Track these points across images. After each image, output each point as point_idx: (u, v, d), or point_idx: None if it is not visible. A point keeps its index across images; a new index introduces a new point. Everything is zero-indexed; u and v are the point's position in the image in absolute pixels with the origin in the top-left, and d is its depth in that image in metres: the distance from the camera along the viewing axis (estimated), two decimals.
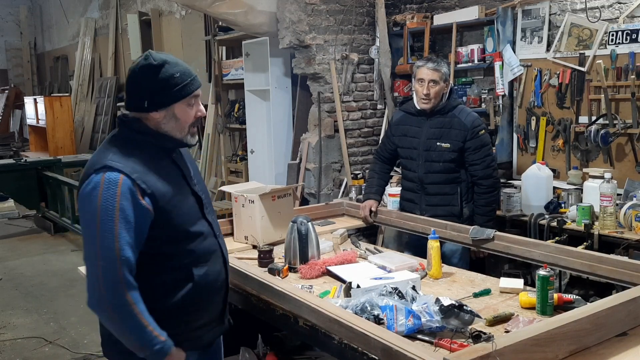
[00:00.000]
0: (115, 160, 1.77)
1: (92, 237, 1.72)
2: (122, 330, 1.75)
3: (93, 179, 1.75)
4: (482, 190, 3.25)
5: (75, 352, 3.95)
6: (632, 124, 3.58)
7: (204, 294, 1.93)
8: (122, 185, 1.73)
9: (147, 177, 1.79)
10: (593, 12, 3.80)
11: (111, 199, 1.71)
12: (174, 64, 1.86)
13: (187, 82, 1.86)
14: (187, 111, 1.88)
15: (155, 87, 1.82)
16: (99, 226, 1.70)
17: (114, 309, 1.71)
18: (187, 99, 1.87)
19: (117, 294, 1.70)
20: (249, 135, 6.03)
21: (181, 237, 1.87)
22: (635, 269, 2.30)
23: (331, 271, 2.66)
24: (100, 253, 1.70)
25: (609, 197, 3.20)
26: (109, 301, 1.70)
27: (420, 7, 5.11)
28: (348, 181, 5.04)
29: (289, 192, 3.28)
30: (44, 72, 14.16)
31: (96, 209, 1.71)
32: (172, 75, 1.83)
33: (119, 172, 1.75)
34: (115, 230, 1.70)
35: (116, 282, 1.69)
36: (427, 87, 3.21)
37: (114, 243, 1.70)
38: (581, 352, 1.77)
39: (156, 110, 1.84)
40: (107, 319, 1.75)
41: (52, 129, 9.43)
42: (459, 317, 1.95)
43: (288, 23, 4.86)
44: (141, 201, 1.76)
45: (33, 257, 6.32)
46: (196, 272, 1.89)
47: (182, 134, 1.90)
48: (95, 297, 1.72)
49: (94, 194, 1.73)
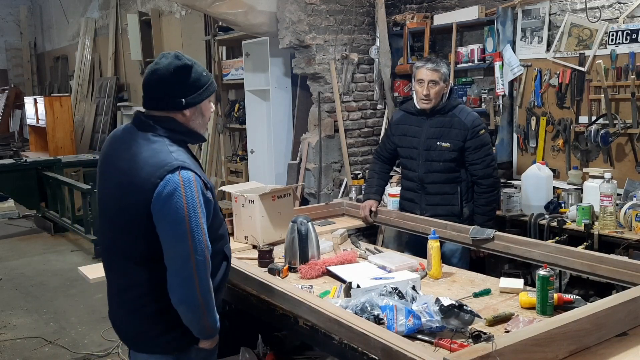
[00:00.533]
0: (181, 160, 1.88)
1: (184, 235, 1.82)
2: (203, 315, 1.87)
3: (171, 179, 1.83)
4: (482, 189, 3.25)
5: (75, 352, 3.95)
6: (632, 124, 3.58)
7: (229, 270, 2.15)
8: (197, 183, 1.87)
9: (199, 171, 1.94)
10: (593, 12, 3.80)
11: (192, 196, 1.84)
12: (199, 65, 2.02)
13: (212, 81, 2.03)
14: (210, 108, 2.05)
15: (191, 86, 1.95)
16: (188, 224, 1.82)
17: (204, 296, 1.85)
18: (212, 96, 2.04)
19: (206, 282, 1.86)
20: (249, 135, 6.03)
21: (220, 224, 2.06)
22: (635, 269, 2.30)
23: (331, 271, 2.66)
24: (194, 248, 1.82)
25: (609, 197, 3.20)
26: (202, 293, 1.84)
27: (420, 7, 5.11)
28: (348, 181, 5.04)
29: (289, 192, 3.28)
30: (44, 72, 14.16)
31: (183, 208, 1.81)
32: (201, 74, 1.98)
33: (190, 171, 1.87)
34: (201, 224, 1.85)
35: (206, 271, 1.86)
36: (427, 88, 3.21)
37: (202, 236, 1.85)
38: (581, 352, 1.77)
39: (189, 108, 1.96)
40: (196, 311, 1.86)
41: (52, 129, 9.43)
42: (459, 317, 1.95)
43: (288, 23, 4.86)
44: (207, 194, 1.92)
45: (33, 257, 6.32)
46: (227, 252, 2.11)
47: (203, 130, 2.06)
48: (187, 292, 1.83)
49: (177, 193, 1.82)
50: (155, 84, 1.94)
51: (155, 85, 1.94)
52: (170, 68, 1.92)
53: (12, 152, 10.92)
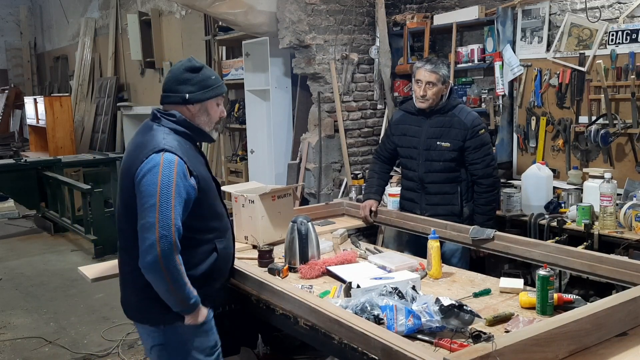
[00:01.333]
0: (170, 145, 2.09)
1: (152, 207, 2.01)
2: (170, 287, 2.04)
3: (153, 158, 2.06)
4: (482, 189, 3.25)
5: (75, 352, 3.95)
6: (632, 124, 3.58)
7: (222, 263, 2.29)
8: (178, 166, 2.06)
9: (191, 161, 2.14)
10: (593, 12, 3.80)
11: (169, 175, 2.03)
12: (211, 69, 2.29)
13: (219, 85, 2.26)
14: (216, 109, 2.26)
15: (196, 84, 2.19)
16: (159, 198, 2.01)
17: (168, 270, 2.01)
18: (217, 98, 2.25)
19: (170, 257, 2.00)
20: (249, 135, 6.03)
21: (210, 215, 2.23)
22: (635, 269, 2.30)
23: (331, 271, 2.66)
24: (159, 222, 1.99)
25: (609, 197, 3.20)
26: (165, 263, 1.99)
27: (420, 7, 5.11)
28: (348, 181, 5.04)
29: (289, 192, 3.29)
30: (44, 72, 14.16)
31: (157, 183, 2.02)
32: (209, 77, 2.23)
33: (174, 154, 2.07)
34: (172, 203, 2.01)
35: (171, 246, 2.00)
36: (424, 89, 3.22)
37: (170, 213, 2.01)
38: (581, 352, 1.77)
39: (193, 104, 2.20)
40: (160, 279, 2.03)
41: (52, 129, 9.43)
42: (459, 317, 1.95)
43: (288, 23, 4.86)
44: (189, 180, 2.10)
45: (33, 257, 6.32)
46: (219, 245, 2.25)
47: (209, 128, 2.27)
48: (150, 260, 2.00)
49: (154, 170, 2.04)
50: (167, 81, 2.22)
51: (167, 82, 2.22)
52: (181, 67, 2.21)
53: (12, 152, 10.92)
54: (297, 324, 2.19)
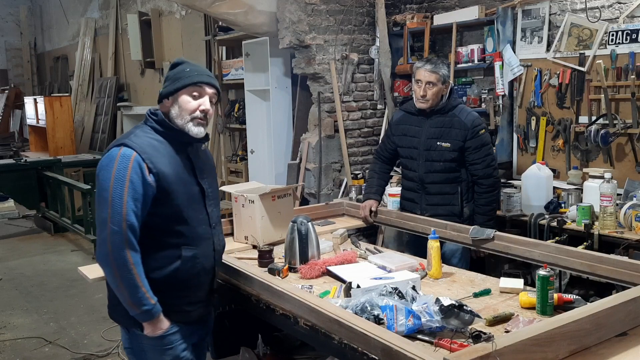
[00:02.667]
0: (132, 141, 2.06)
1: (105, 201, 1.99)
2: (120, 285, 1.99)
3: (111, 152, 2.05)
4: (483, 189, 3.25)
5: (75, 352, 3.95)
6: (632, 124, 3.58)
7: (191, 274, 2.16)
8: (134, 161, 2.01)
9: (155, 158, 2.06)
10: (593, 12, 3.80)
11: (123, 170, 2.00)
12: (191, 64, 2.20)
13: (192, 75, 2.14)
14: (189, 100, 2.14)
15: (170, 79, 2.16)
16: (111, 193, 1.98)
17: (117, 266, 1.97)
18: (189, 88, 2.13)
19: (121, 253, 1.97)
20: (249, 135, 6.03)
21: (176, 218, 2.12)
22: (635, 269, 2.30)
23: (331, 271, 2.66)
24: (111, 216, 1.97)
25: (609, 197, 3.20)
26: (114, 258, 1.97)
27: (420, 7, 5.11)
28: (348, 181, 5.04)
29: (289, 192, 3.28)
30: (44, 72, 14.15)
31: (110, 178, 1.99)
32: (183, 69, 2.16)
33: (132, 150, 2.03)
34: (124, 198, 1.98)
35: (122, 242, 1.96)
36: (424, 89, 3.21)
37: (122, 209, 1.97)
38: (581, 352, 1.77)
39: (167, 98, 2.15)
40: (110, 273, 2.00)
41: (52, 129, 9.41)
42: (459, 317, 1.95)
43: (288, 23, 4.86)
44: (147, 177, 2.03)
45: (33, 257, 6.32)
46: (185, 252, 2.13)
47: (183, 121, 2.14)
48: (102, 253, 1.99)
49: (110, 164, 2.02)
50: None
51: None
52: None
53: (12, 152, 10.90)
54: (297, 324, 2.19)
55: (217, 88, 2.20)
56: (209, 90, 2.16)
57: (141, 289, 2.00)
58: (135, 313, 2.03)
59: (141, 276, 2.00)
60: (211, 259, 2.24)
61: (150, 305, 2.02)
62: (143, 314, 2.03)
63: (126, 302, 2.02)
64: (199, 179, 2.20)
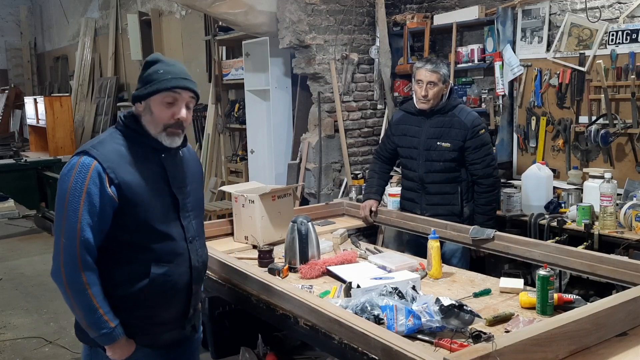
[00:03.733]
0: (95, 148, 1.88)
1: (60, 215, 1.84)
2: (74, 305, 1.84)
3: (72, 160, 1.88)
4: (483, 189, 3.25)
5: (75, 352, 3.95)
6: (632, 123, 3.58)
7: (161, 293, 1.95)
8: (93, 171, 1.84)
9: (119, 168, 1.87)
10: (593, 12, 3.80)
11: (81, 181, 1.83)
12: (166, 63, 1.96)
13: (165, 79, 1.91)
14: (162, 108, 1.93)
15: (141, 81, 1.96)
16: (66, 205, 1.83)
17: (69, 285, 1.82)
18: (162, 94, 1.91)
19: (72, 271, 1.81)
20: (249, 135, 6.03)
21: (144, 232, 1.92)
22: (635, 269, 2.30)
23: (331, 271, 2.66)
24: (64, 230, 1.82)
25: (609, 197, 3.20)
26: (65, 276, 1.81)
27: (420, 7, 5.11)
28: (348, 181, 5.04)
29: (289, 192, 3.29)
30: (44, 72, 14.15)
31: (67, 189, 1.83)
32: (156, 71, 1.93)
33: (93, 158, 1.85)
34: (80, 211, 1.81)
35: (74, 260, 1.81)
36: (425, 89, 3.21)
37: (77, 223, 1.81)
38: (581, 352, 1.77)
39: (139, 102, 1.95)
40: (63, 292, 1.85)
41: (52, 129, 9.40)
42: (459, 317, 1.95)
43: (288, 23, 4.85)
44: (107, 189, 1.85)
45: (33, 257, 6.32)
46: (154, 269, 1.93)
47: (156, 131, 1.94)
48: (55, 268, 1.84)
49: (69, 174, 1.85)
50: None
51: None
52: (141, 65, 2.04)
53: (12, 152, 10.89)
54: (297, 324, 2.19)
55: (193, 91, 1.96)
56: (185, 96, 1.93)
57: (98, 311, 1.82)
58: (94, 336, 1.86)
59: (97, 297, 1.82)
60: (186, 276, 2.01)
61: (109, 328, 1.84)
62: (102, 337, 1.85)
63: (82, 323, 1.86)
64: (172, 189, 1.98)
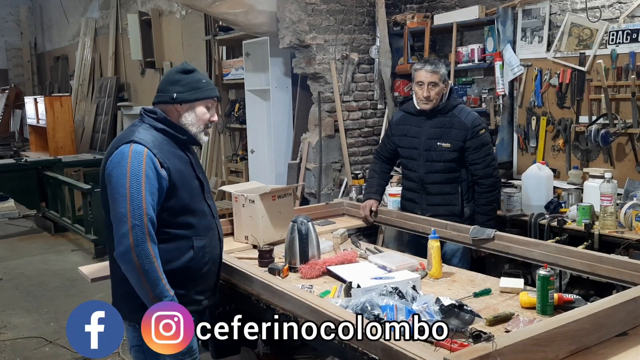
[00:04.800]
0: (141, 137, 2.12)
1: (123, 197, 2.02)
2: (142, 280, 2.01)
3: (122, 149, 2.08)
4: (483, 189, 3.25)
5: (75, 352, 3.94)
6: (632, 123, 3.58)
7: (202, 263, 2.24)
8: (147, 157, 2.07)
9: (163, 154, 2.13)
10: (593, 11, 3.80)
11: (138, 166, 2.04)
12: (203, 74, 2.32)
13: (210, 88, 2.28)
14: (205, 112, 2.27)
15: (186, 85, 2.22)
16: (128, 188, 2.02)
17: (140, 260, 2.00)
18: (207, 101, 2.26)
19: (144, 246, 2.01)
20: (249, 135, 6.03)
21: (185, 211, 2.19)
22: (635, 269, 2.30)
23: (331, 271, 2.66)
24: (131, 211, 2.00)
25: (609, 197, 3.20)
26: (137, 252, 1.99)
27: (421, 6, 5.10)
28: (348, 181, 5.04)
29: (289, 192, 3.29)
30: (44, 72, 14.15)
31: (126, 173, 2.03)
32: (199, 79, 2.26)
33: (143, 146, 2.08)
34: (143, 192, 2.02)
35: (143, 236, 2.01)
36: (427, 90, 3.21)
37: (142, 203, 2.02)
38: (581, 352, 1.77)
39: (181, 104, 2.22)
40: (131, 268, 2.02)
41: (53, 129, 9.42)
42: (459, 317, 1.95)
43: (288, 23, 4.85)
44: (160, 171, 2.09)
45: (33, 257, 6.32)
46: (196, 243, 2.21)
47: (197, 130, 2.26)
48: (123, 249, 2.01)
49: (123, 161, 2.05)
50: (161, 82, 2.29)
51: (160, 83, 2.29)
52: (173, 70, 2.30)
53: (12, 152, 10.90)
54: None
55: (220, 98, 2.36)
56: (216, 102, 2.34)
57: (162, 281, 2.04)
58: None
59: (161, 268, 2.05)
60: (218, 248, 2.34)
61: (170, 296, 2.05)
62: None
63: (148, 296, 2.03)
64: (197, 173, 2.29)
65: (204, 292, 2.29)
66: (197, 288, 2.24)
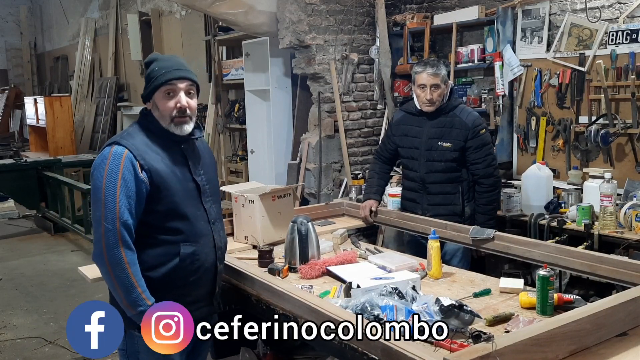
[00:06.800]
0: (124, 139, 2.08)
1: (99, 201, 2.00)
2: (115, 285, 1.99)
3: (104, 151, 2.07)
4: (483, 189, 3.25)
5: (75, 352, 3.94)
6: (632, 124, 3.58)
7: (191, 271, 2.15)
8: (126, 158, 2.03)
9: (147, 155, 2.07)
10: (593, 12, 3.80)
11: (115, 168, 2.01)
12: (162, 60, 2.17)
13: (161, 74, 2.11)
14: (165, 102, 2.12)
15: (145, 80, 2.16)
16: (104, 191, 1.99)
17: (111, 265, 1.97)
18: (163, 88, 2.11)
19: (115, 252, 1.97)
20: (249, 135, 6.03)
21: (173, 214, 2.11)
22: (635, 269, 2.30)
23: (331, 271, 2.66)
24: (104, 215, 1.98)
25: (609, 197, 3.20)
26: (108, 257, 1.97)
27: (420, 7, 5.11)
28: (348, 181, 5.04)
29: (289, 192, 3.29)
30: (44, 72, 14.15)
31: (103, 177, 2.00)
32: (153, 69, 2.14)
33: (124, 147, 2.04)
34: (117, 195, 1.99)
35: (115, 241, 1.97)
36: (430, 92, 3.20)
37: (115, 207, 1.98)
38: (581, 352, 1.77)
39: (148, 101, 2.17)
40: (104, 273, 2.01)
41: (52, 129, 9.42)
42: (459, 317, 1.95)
43: (288, 23, 4.86)
44: (140, 174, 2.04)
45: (33, 257, 6.32)
46: (184, 249, 2.12)
47: (165, 123, 2.14)
48: (97, 252, 2.00)
49: (103, 163, 2.03)
50: None
51: None
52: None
53: (12, 152, 10.89)
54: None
55: (190, 79, 2.14)
56: (181, 85, 2.12)
57: (136, 289, 1.98)
58: (132, 314, 2.00)
59: (136, 276, 1.99)
60: (212, 255, 2.22)
61: (146, 306, 1.98)
62: (139, 316, 1.97)
63: (122, 302, 1.99)
64: (194, 175, 2.19)
65: (195, 302, 2.17)
66: (186, 298, 2.10)
